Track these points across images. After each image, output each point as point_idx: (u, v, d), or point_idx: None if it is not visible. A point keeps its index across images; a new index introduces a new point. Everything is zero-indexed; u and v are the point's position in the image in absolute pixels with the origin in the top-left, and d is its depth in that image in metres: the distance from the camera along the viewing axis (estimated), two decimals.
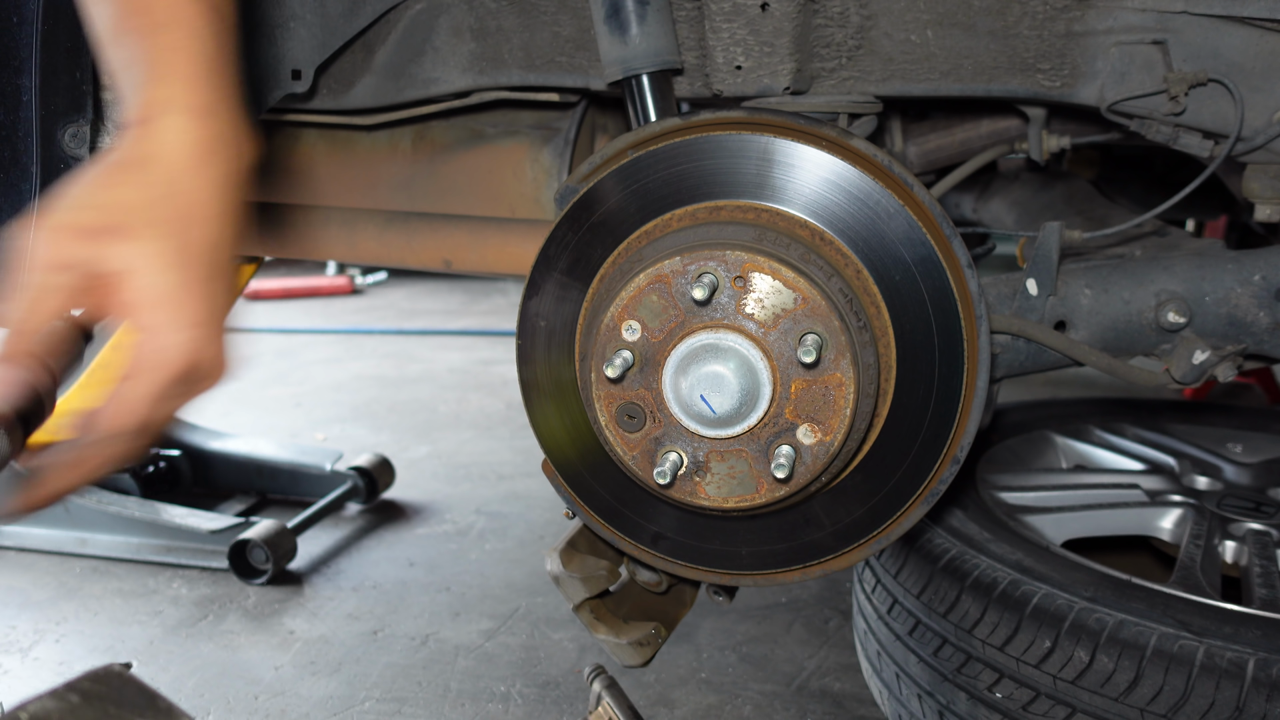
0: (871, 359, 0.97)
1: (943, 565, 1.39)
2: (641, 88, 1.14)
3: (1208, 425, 1.96)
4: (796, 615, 2.10)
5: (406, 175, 1.54)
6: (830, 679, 1.86)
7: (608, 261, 1.04)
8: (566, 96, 1.42)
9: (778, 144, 0.98)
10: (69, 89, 1.15)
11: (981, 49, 1.18)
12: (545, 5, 1.26)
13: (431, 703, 1.80)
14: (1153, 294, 1.22)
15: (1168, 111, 1.16)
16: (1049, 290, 1.22)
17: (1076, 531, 1.57)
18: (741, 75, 1.19)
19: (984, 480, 1.68)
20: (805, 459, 0.95)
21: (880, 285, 0.98)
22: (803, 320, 0.92)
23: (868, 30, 1.19)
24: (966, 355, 0.98)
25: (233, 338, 0.71)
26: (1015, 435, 1.91)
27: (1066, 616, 1.24)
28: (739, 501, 0.98)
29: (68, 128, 1.15)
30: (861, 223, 0.98)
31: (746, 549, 1.08)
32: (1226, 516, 1.54)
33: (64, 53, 1.12)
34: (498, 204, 1.52)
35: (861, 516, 1.04)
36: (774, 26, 1.15)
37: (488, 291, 5.84)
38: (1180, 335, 1.21)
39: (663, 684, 1.85)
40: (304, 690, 1.83)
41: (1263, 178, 1.21)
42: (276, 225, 1.62)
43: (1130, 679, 1.17)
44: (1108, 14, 1.15)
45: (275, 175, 1.56)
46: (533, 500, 2.73)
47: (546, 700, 1.80)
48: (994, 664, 1.27)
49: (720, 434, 0.95)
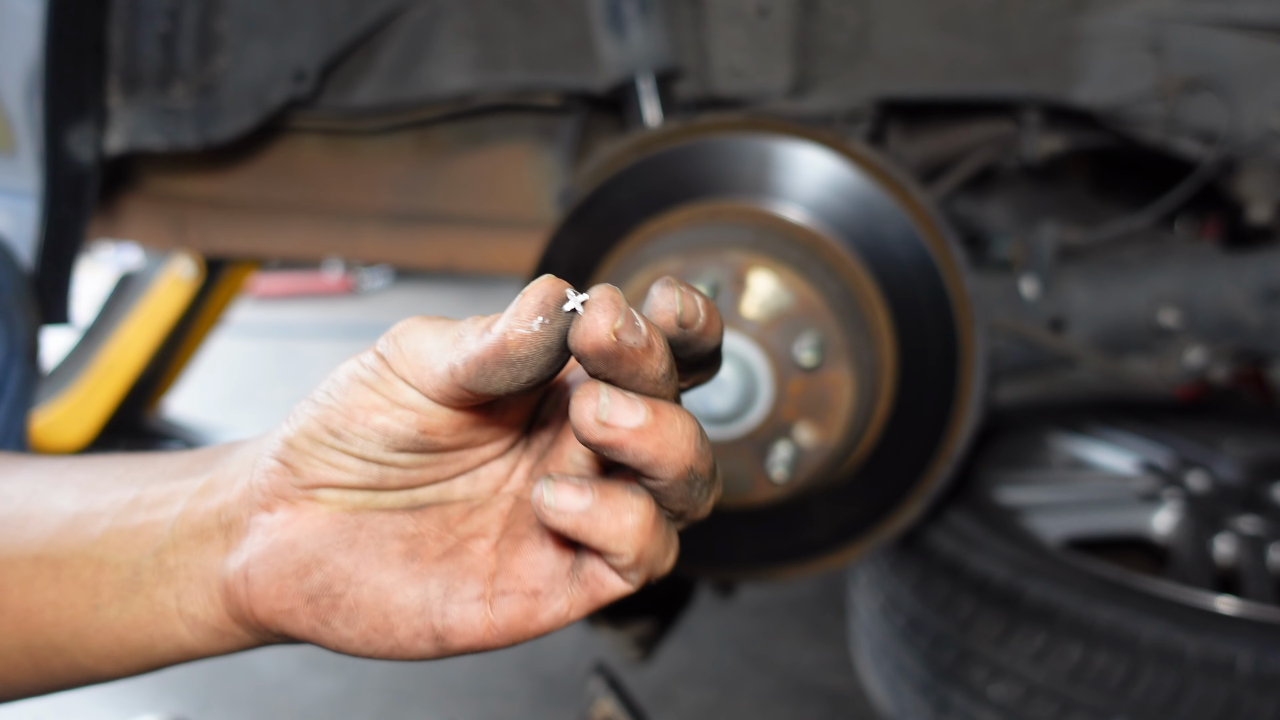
0: (869, 359, 0.98)
1: (939, 562, 1.40)
2: (641, 90, 1.15)
3: (1202, 424, 1.97)
4: (795, 612, 2.11)
5: (408, 177, 1.55)
6: (829, 675, 1.87)
7: (608, 262, 1.05)
8: (567, 99, 1.43)
9: (776, 147, 1.00)
10: (75, 91, 1.16)
11: (978, 52, 1.20)
12: (546, 8, 1.28)
13: (433, 698, 1.81)
14: (1147, 294, 1.23)
15: (1161, 114, 1.17)
16: (1044, 291, 1.23)
17: (1072, 529, 1.58)
18: (740, 78, 1.20)
19: (980, 478, 1.69)
20: (803, 459, 0.96)
21: (878, 286, 1.00)
22: (801, 321, 0.93)
23: (865, 33, 1.20)
24: (963, 355, 0.99)
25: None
26: (1011, 434, 1.92)
27: (1061, 613, 1.25)
28: (737, 500, 0.99)
29: (74, 130, 1.16)
30: (859, 224, 0.99)
31: (745, 547, 1.09)
32: (1220, 515, 1.55)
33: (70, 55, 1.13)
34: (499, 205, 1.53)
35: (859, 515, 1.05)
36: (772, 30, 1.17)
37: (489, 292, 5.85)
38: (1174, 335, 1.23)
39: (663, 680, 1.86)
40: (307, 686, 1.85)
41: (1255, 180, 1.22)
42: (280, 226, 1.63)
43: (1125, 676, 1.19)
44: (1102, 18, 1.17)
45: (279, 177, 1.57)
46: None
47: (548, 695, 1.81)
48: (990, 660, 1.29)
49: (719, 434, 0.97)
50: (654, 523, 0.41)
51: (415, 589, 0.45)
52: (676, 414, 0.40)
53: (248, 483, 0.47)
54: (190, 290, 2.23)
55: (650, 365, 0.39)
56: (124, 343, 2.22)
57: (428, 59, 1.33)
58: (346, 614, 0.45)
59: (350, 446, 0.45)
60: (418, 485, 0.48)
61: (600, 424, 0.39)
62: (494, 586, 0.45)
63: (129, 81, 1.23)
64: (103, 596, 0.48)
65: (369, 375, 0.45)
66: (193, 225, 1.63)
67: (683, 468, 0.40)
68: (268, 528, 0.46)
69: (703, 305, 0.41)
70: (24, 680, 0.51)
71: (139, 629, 0.48)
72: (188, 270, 2.19)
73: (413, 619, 0.44)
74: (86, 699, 1.79)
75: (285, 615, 0.45)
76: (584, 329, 0.38)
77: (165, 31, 1.22)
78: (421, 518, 0.47)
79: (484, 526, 0.48)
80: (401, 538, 0.46)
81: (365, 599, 0.45)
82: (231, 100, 1.26)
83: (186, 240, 1.65)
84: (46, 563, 0.49)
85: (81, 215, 1.20)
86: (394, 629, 0.44)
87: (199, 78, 1.25)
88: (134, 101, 1.23)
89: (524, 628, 0.44)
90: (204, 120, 1.26)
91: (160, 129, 1.25)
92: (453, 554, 0.46)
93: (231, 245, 1.65)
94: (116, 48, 1.21)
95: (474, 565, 0.46)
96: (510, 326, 0.40)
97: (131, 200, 1.62)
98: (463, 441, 0.47)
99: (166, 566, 0.48)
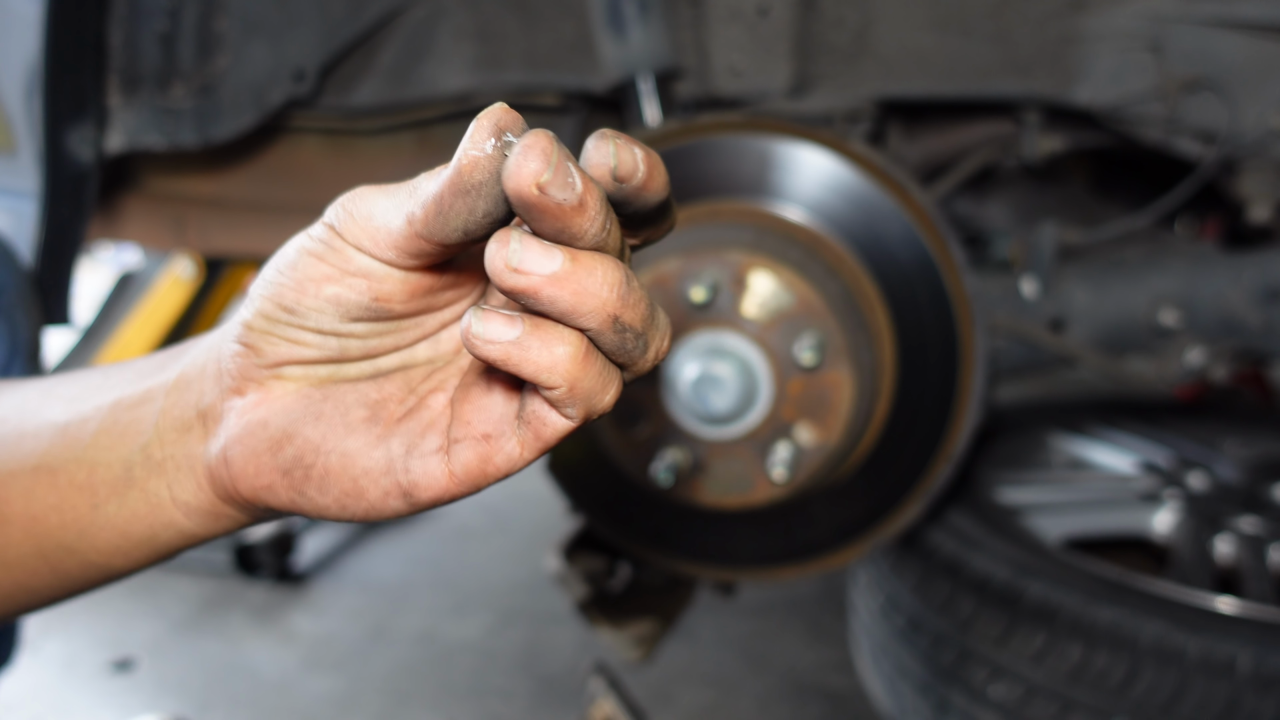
0: (869, 359, 0.98)
1: (939, 562, 1.40)
2: (641, 90, 1.15)
3: (1203, 424, 1.97)
4: (795, 612, 2.11)
5: (408, 177, 1.55)
6: (829, 675, 1.87)
7: None
8: (567, 99, 1.43)
9: (776, 147, 1.00)
10: (74, 91, 1.16)
11: (978, 52, 1.20)
12: (546, 8, 1.28)
13: (434, 698, 1.81)
14: (1147, 294, 1.23)
15: (1161, 114, 1.17)
16: (1044, 291, 1.23)
17: (1073, 529, 1.58)
18: (740, 78, 1.20)
19: (980, 478, 1.69)
20: (803, 458, 0.96)
21: (878, 286, 1.00)
22: (801, 321, 0.93)
23: (865, 33, 1.20)
24: (962, 355, 0.99)
25: None
26: (1011, 434, 1.92)
27: (1062, 613, 1.25)
28: (738, 500, 0.99)
29: (74, 130, 1.16)
30: (859, 224, 0.99)
31: (745, 547, 1.09)
32: (1220, 515, 1.55)
33: (70, 55, 1.13)
34: None
35: (859, 515, 1.05)
36: (772, 30, 1.17)
37: None
38: (1174, 335, 1.23)
39: (663, 680, 1.86)
40: (308, 686, 1.85)
41: (1255, 179, 1.22)
42: (279, 226, 1.63)
43: (1125, 676, 1.19)
44: (1102, 18, 1.17)
45: (279, 177, 1.57)
46: (534, 499, 2.74)
47: (548, 696, 1.81)
48: (990, 661, 1.29)
49: (719, 434, 0.97)
50: (586, 354, 0.41)
51: (379, 451, 0.46)
52: (599, 262, 0.39)
53: (216, 369, 0.49)
54: (190, 290, 2.23)
55: (579, 223, 0.38)
56: (124, 343, 2.22)
57: (428, 59, 1.33)
58: (319, 482, 0.46)
59: (306, 321, 0.46)
60: (379, 354, 0.49)
61: (511, 269, 0.38)
62: (449, 436, 0.45)
63: (129, 81, 1.23)
64: (100, 495, 0.51)
65: (318, 247, 0.45)
66: (192, 225, 1.63)
67: (604, 315, 0.40)
68: (240, 410, 0.48)
69: (643, 159, 0.40)
70: (45, 584, 0.54)
71: (139, 520, 0.51)
72: (187, 270, 2.19)
73: (380, 479, 0.46)
74: (87, 699, 1.79)
75: (265, 490, 0.47)
76: (509, 171, 0.37)
77: (165, 31, 1.22)
78: (385, 383, 0.49)
79: (443, 382, 0.49)
80: (365, 404, 0.48)
81: (334, 466, 0.46)
82: (231, 100, 1.26)
83: (186, 240, 1.65)
84: (44, 471, 0.52)
85: (81, 215, 1.20)
86: (364, 491, 0.46)
87: (199, 78, 1.25)
88: (134, 101, 1.23)
89: (482, 471, 0.45)
90: (204, 120, 1.26)
91: (160, 129, 1.25)
92: (413, 413, 0.47)
93: (231, 245, 1.65)
94: (116, 47, 1.21)
95: (432, 420, 0.47)
96: (464, 149, 0.39)
97: (131, 200, 1.62)
98: (419, 308, 0.48)
99: (154, 460, 0.50)
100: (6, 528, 0.52)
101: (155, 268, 2.23)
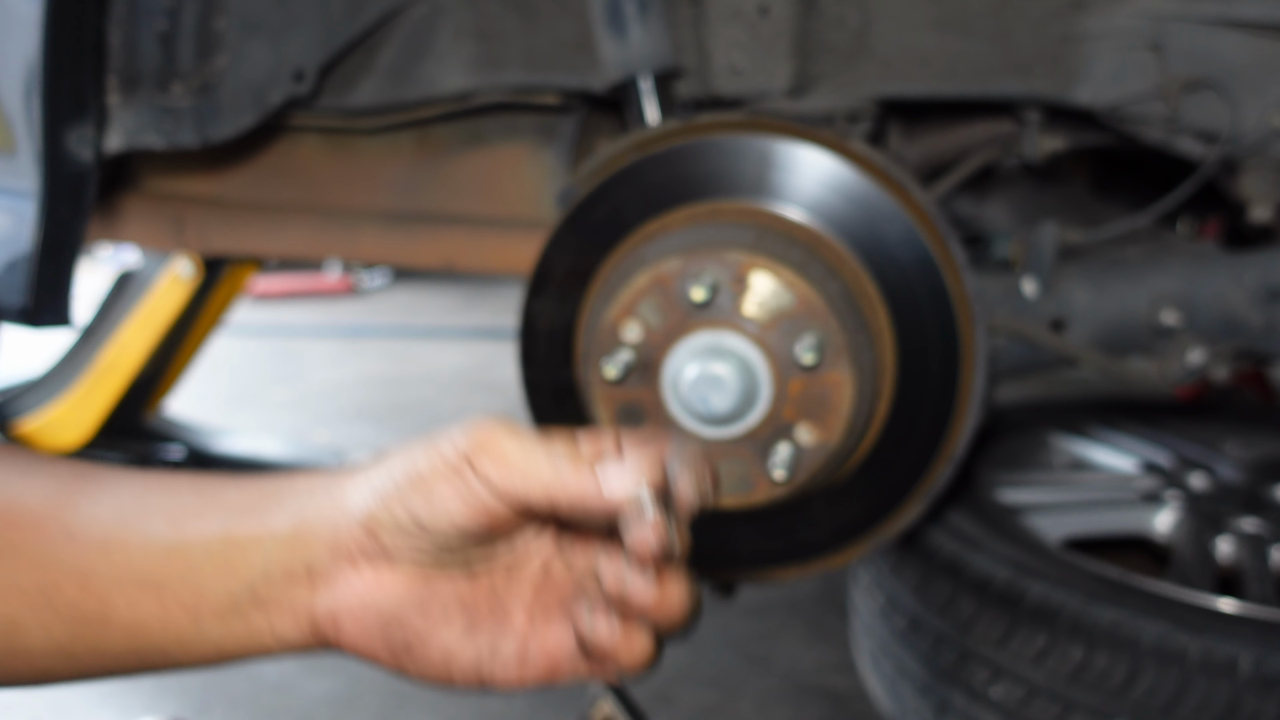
0: (869, 359, 0.98)
1: (940, 563, 1.40)
2: (641, 90, 1.15)
3: (1203, 424, 1.97)
4: (795, 612, 2.11)
5: (408, 177, 1.55)
6: (829, 676, 1.87)
7: (608, 262, 1.05)
8: (567, 99, 1.43)
9: (777, 146, 1.00)
10: (74, 91, 1.16)
11: (978, 51, 1.20)
12: (546, 8, 1.28)
13: (432, 699, 1.81)
14: (1148, 294, 1.23)
15: (1162, 114, 1.17)
16: (1044, 291, 1.23)
17: (1073, 529, 1.58)
18: (740, 78, 1.20)
19: (981, 479, 1.69)
20: (804, 459, 0.96)
21: (878, 286, 0.99)
22: (801, 321, 0.93)
23: (866, 33, 1.20)
24: (963, 355, 0.99)
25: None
26: (1012, 434, 1.92)
27: (1062, 614, 1.25)
28: (738, 501, 0.99)
29: (73, 130, 1.16)
30: (860, 224, 0.99)
31: (745, 547, 1.09)
32: (1221, 515, 1.55)
33: (69, 54, 1.13)
34: (499, 205, 1.53)
35: (859, 515, 1.05)
36: (772, 29, 1.16)
37: (489, 292, 5.85)
38: (1175, 335, 1.22)
39: (662, 681, 1.86)
40: (307, 687, 1.85)
41: (1256, 179, 1.22)
42: (279, 226, 1.63)
43: (1126, 676, 1.18)
44: (1103, 18, 1.17)
45: (278, 177, 1.57)
46: None
47: (548, 696, 1.81)
48: (991, 661, 1.28)
49: (719, 434, 0.97)
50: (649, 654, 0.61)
51: (470, 648, 0.59)
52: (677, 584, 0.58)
53: (332, 538, 0.57)
54: (190, 290, 2.23)
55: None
56: (123, 343, 2.21)
57: (427, 58, 1.33)
58: (418, 661, 0.59)
59: (431, 540, 0.56)
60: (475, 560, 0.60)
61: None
62: (528, 649, 0.60)
63: (128, 81, 1.22)
64: (203, 615, 0.58)
65: (453, 477, 0.55)
66: (191, 225, 1.63)
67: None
68: (351, 583, 0.57)
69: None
70: (127, 669, 0.61)
71: (235, 640, 0.59)
72: (187, 270, 2.19)
73: (466, 668, 0.59)
74: (87, 699, 1.79)
75: (368, 654, 0.59)
76: (632, 541, 0.53)
77: (164, 31, 1.22)
78: (474, 582, 0.60)
79: (519, 589, 0.62)
80: (460, 601, 0.59)
81: (434, 654, 0.59)
82: (230, 100, 1.26)
83: (185, 240, 1.64)
84: (151, 585, 0.58)
85: (80, 215, 1.20)
86: (451, 675, 0.59)
87: (198, 77, 1.25)
88: (133, 101, 1.23)
89: (544, 682, 0.62)
90: (203, 120, 1.26)
91: (159, 129, 1.25)
92: (497, 616, 0.60)
93: (230, 245, 1.65)
94: (115, 47, 1.21)
95: (513, 630, 0.60)
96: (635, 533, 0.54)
97: (130, 200, 1.62)
98: (516, 526, 0.59)
99: (260, 598, 0.58)
100: (109, 630, 0.58)
101: (154, 267, 2.23)
